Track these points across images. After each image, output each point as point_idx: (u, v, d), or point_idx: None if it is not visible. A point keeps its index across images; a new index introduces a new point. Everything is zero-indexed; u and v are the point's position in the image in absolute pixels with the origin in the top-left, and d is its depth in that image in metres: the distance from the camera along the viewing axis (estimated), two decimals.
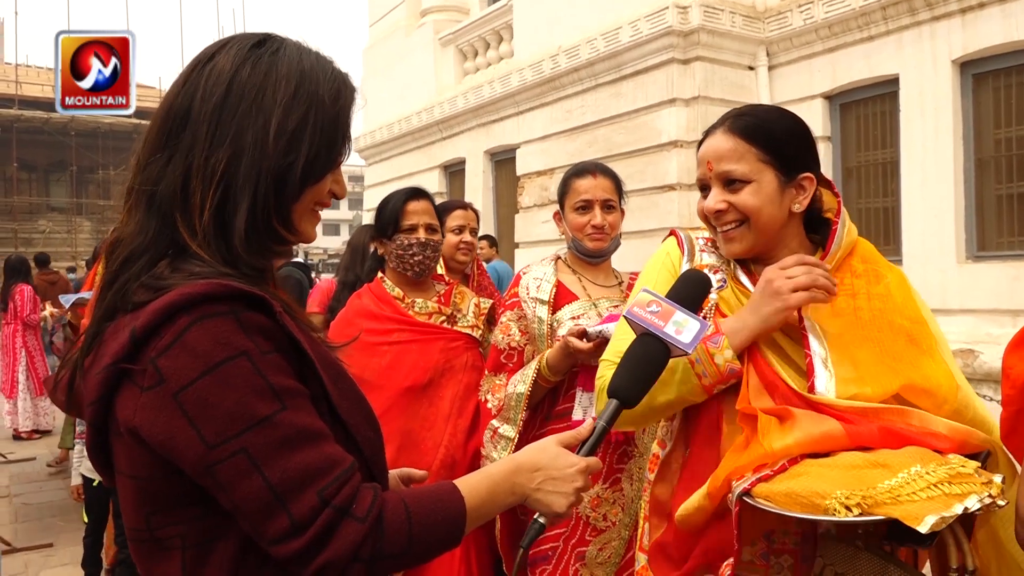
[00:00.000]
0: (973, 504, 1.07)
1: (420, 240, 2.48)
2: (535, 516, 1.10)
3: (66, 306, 5.00)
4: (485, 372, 2.39)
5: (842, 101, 6.81)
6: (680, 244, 1.56)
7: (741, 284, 1.48)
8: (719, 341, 1.37)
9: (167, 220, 0.96)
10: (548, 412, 2.27)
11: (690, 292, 1.31)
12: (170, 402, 0.85)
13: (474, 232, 3.07)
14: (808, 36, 6.81)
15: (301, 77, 0.98)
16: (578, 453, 1.10)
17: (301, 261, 5.24)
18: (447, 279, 2.74)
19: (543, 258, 2.44)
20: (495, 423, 2.27)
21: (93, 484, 3.86)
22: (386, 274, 2.61)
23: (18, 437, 8.12)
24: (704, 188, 1.51)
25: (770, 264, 1.45)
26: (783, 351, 1.41)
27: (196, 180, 0.95)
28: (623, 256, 2.47)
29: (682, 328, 1.20)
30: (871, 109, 6.68)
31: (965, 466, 1.14)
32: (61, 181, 22.51)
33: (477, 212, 3.15)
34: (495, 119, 9.17)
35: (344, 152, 1.05)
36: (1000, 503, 1.09)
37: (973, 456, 1.23)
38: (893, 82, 6.35)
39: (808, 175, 1.45)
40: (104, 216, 20.94)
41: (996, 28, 5.73)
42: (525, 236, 8.42)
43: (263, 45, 1.00)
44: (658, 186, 6.99)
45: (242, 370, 0.86)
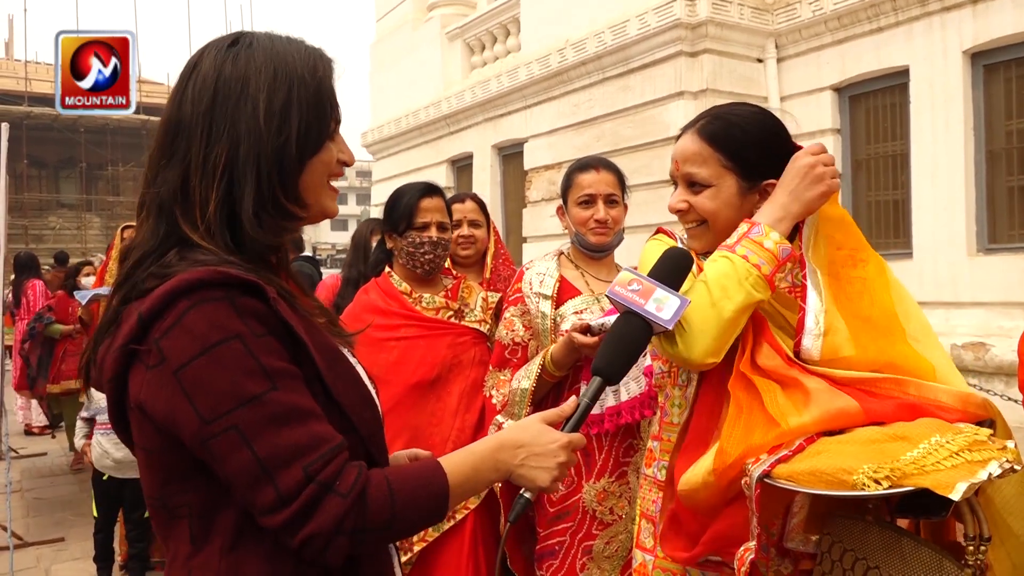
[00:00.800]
0: (995, 470, 1.08)
1: (432, 239, 2.48)
2: (520, 491, 1.13)
3: (82, 302, 5.03)
4: (489, 368, 2.39)
5: (851, 93, 6.77)
6: (672, 236, 1.62)
7: None
8: (760, 230, 1.38)
9: (171, 219, 1.03)
10: (553, 407, 2.26)
11: (671, 269, 1.33)
12: (171, 379, 0.92)
13: (474, 223, 2.99)
14: (817, 28, 6.77)
15: (277, 60, 1.06)
16: (563, 430, 1.14)
17: (310, 256, 5.24)
18: (455, 273, 2.74)
19: (545, 253, 2.44)
20: (499, 418, 2.27)
21: (103, 478, 3.88)
22: (394, 269, 2.60)
23: (30, 432, 8.18)
24: (674, 184, 1.57)
25: None
26: (774, 308, 1.43)
27: (195, 178, 1.02)
28: (629, 250, 2.46)
29: (663, 305, 1.23)
30: (881, 101, 6.63)
31: (979, 433, 1.16)
32: (71, 177, 22.61)
33: (479, 200, 3.05)
34: (502, 113, 9.16)
35: (335, 119, 1.11)
36: (1017, 467, 1.10)
37: (978, 424, 1.25)
38: (903, 74, 6.31)
39: (772, 181, 1.46)
40: (114, 212, 21.04)
41: (1007, 18, 5.68)
42: (533, 231, 8.41)
43: (238, 43, 1.08)
44: (665, 180, 6.96)
45: (235, 351, 0.92)
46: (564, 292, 2.30)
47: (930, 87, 6.12)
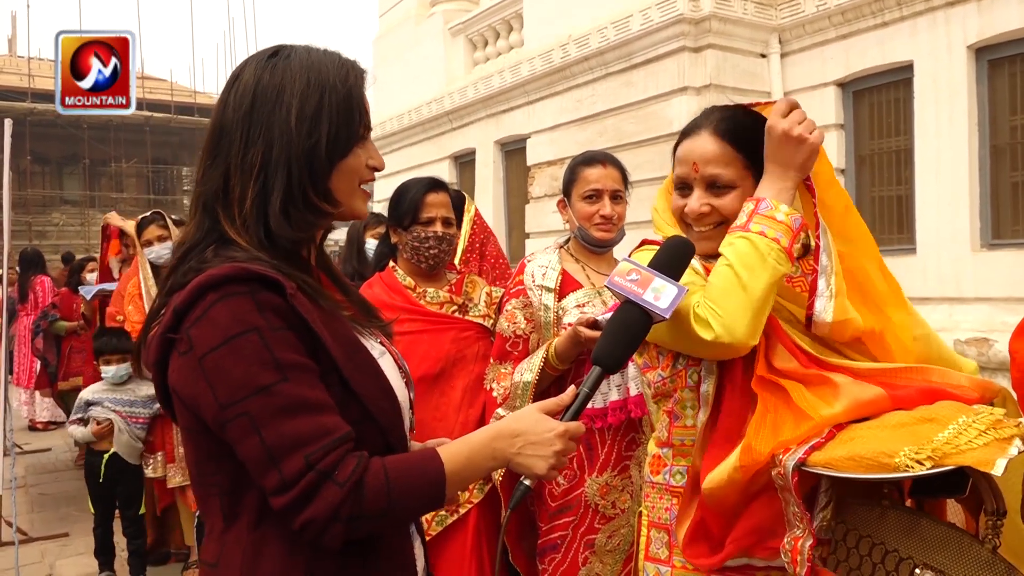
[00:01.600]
0: (1019, 446, 1.11)
1: (437, 234, 2.47)
2: (520, 479, 1.14)
3: (87, 297, 5.04)
4: (490, 360, 2.38)
5: (855, 88, 6.75)
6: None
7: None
8: (768, 204, 1.38)
9: (213, 215, 1.13)
10: None
11: (671, 258, 1.32)
12: (196, 366, 1.01)
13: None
14: (821, 23, 6.75)
15: (311, 69, 1.14)
16: (561, 419, 1.17)
17: None
18: (459, 268, 2.73)
19: (546, 246, 2.43)
20: (500, 411, 2.27)
21: (99, 481, 3.90)
22: (398, 263, 2.60)
23: (34, 428, 8.20)
24: (683, 187, 1.53)
25: None
26: (779, 303, 1.43)
27: (235, 177, 1.12)
28: (631, 246, 2.46)
29: (660, 294, 1.24)
30: (885, 96, 6.61)
31: (994, 413, 1.19)
32: (74, 174, 22.60)
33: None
34: (505, 109, 9.14)
35: (363, 125, 1.18)
36: None
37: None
38: (907, 69, 6.29)
39: None
40: (117, 209, 21.01)
41: (1012, 13, 5.65)
42: (536, 226, 8.40)
43: (277, 55, 1.17)
44: (667, 175, 6.96)
45: (252, 344, 1.00)
46: (566, 285, 2.30)
47: (934, 82, 6.10)
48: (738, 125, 1.49)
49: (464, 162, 10.30)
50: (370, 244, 3.61)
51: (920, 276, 6.04)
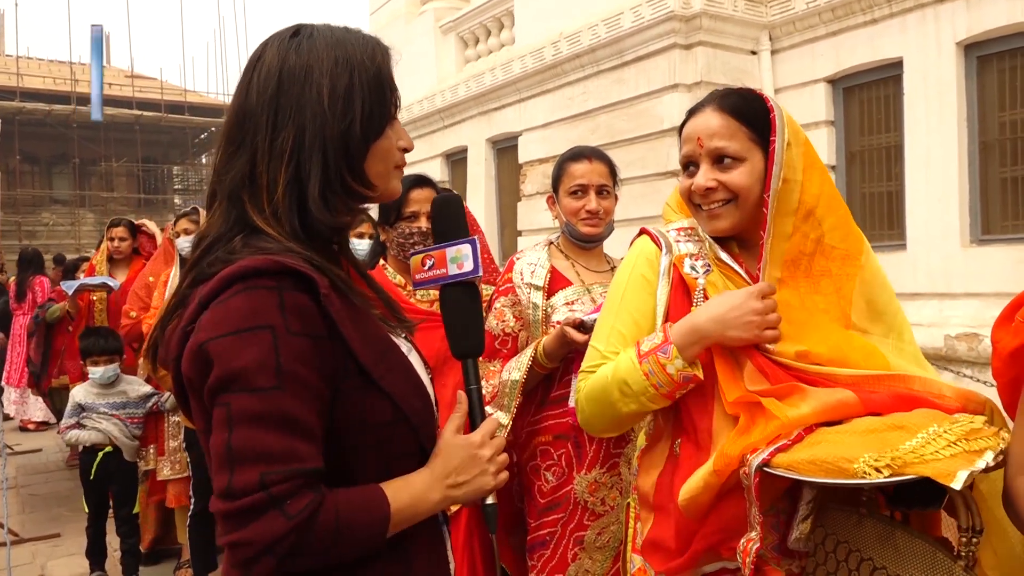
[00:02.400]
0: (991, 459, 1.08)
1: (421, 229, 2.47)
2: (483, 502, 1.14)
3: (68, 292, 5.00)
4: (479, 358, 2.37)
5: (845, 85, 6.77)
6: (655, 239, 1.56)
7: (726, 265, 1.48)
8: (668, 351, 1.38)
9: (239, 205, 1.07)
10: (543, 398, 2.27)
11: (443, 220, 1.30)
12: (202, 347, 0.96)
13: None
14: (811, 20, 6.77)
15: (338, 47, 1.09)
16: (474, 427, 1.16)
17: None
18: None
19: (536, 243, 2.43)
20: (488, 410, 2.26)
21: (91, 478, 3.89)
22: (388, 261, 2.60)
23: (25, 428, 8.16)
24: (689, 166, 1.52)
25: (746, 243, 1.50)
26: None
27: (263, 164, 1.06)
28: (622, 242, 2.46)
29: (460, 260, 1.23)
30: (875, 93, 6.63)
31: (974, 422, 1.16)
32: (64, 173, 22.48)
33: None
34: (497, 107, 9.14)
35: (395, 103, 1.15)
36: None
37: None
38: (897, 65, 6.31)
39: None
40: (107, 208, 20.92)
41: (1001, 10, 5.68)
42: (527, 224, 8.40)
43: (299, 34, 1.11)
44: (660, 172, 6.97)
45: (261, 341, 0.95)
46: (555, 283, 2.30)
47: (924, 79, 6.12)
48: (741, 99, 1.48)
49: (456, 160, 10.29)
50: (353, 243, 3.59)
51: (910, 272, 6.06)
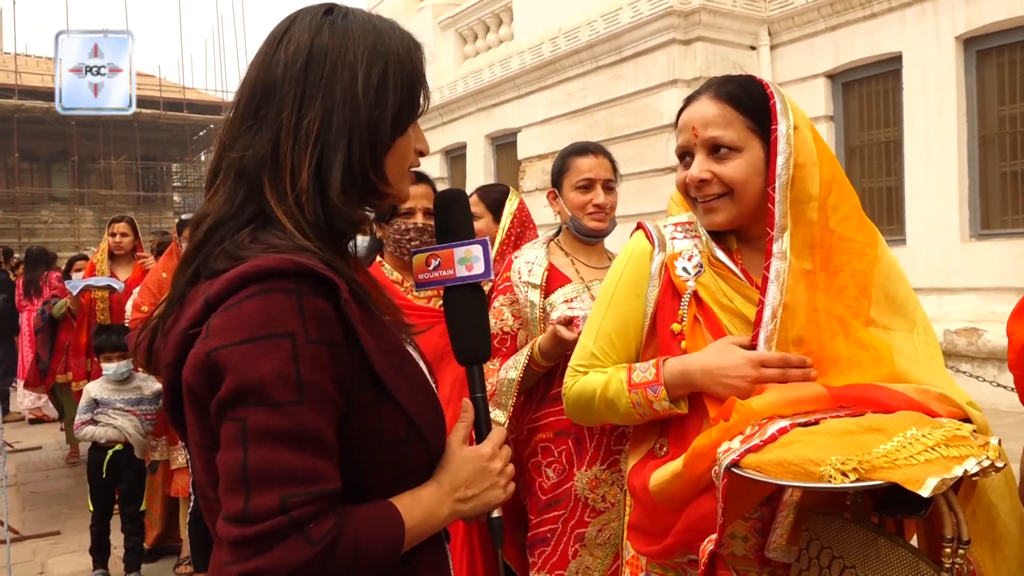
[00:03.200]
0: (972, 467, 1.02)
1: (417, 225, 2.46)
2: (488, 516, 1.10)
3: (73, 292, 5.01)
4: None
5: (844, 80, 6.77)
6: (649, 236, 1.51)
7: (720, 264, 1.42)
8: (658, 391, 1.37)
9: (255, 186, 0.98)
10: (544, 396, 2.26)
11: (447, 217, 1.22)
12: (211, 355, 0.87)
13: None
14: (810, 15, 6.76)
15: (376, 35, 1.03)
16: (479, 438, 1.10)
17: None
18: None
19: (534, 240, 2.42)
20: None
21: (102, 476, 3.89)
22: (384, 258, 2.59)
23: (36, 420, 8.22)
24: (685, 156, 1.46)
25: (746, 238, 1.43)
26: (734, 304, 1.39)
27: (287, 144, 0.97)
28: (623, 238, 2.46)
29: (469, 261, 1.17)
30: (874, 88, 6.63)
31: (960, 429, 1.10)
32: (63, 171, 22.45)
33: (490, 190, 2.89)
34: (495, 103, 9.13)
35: (423, 103, 1.08)
36: (999, 465, 1.04)
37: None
38: (896, 60, 6.31)
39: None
40: (106, 206, 20.90)
41: (1000, 4, 5.68)
42: None
43: (333, 12, 1.04)
44: (659, 168, 6.96)
45: (281, 350, 0.87)
46: (553, 280, 2.30)
47: (923, 73, 6.12)
48: (739, 86, 1.42)
49: (455, 156, 10.28)
50: None
51: (910, 267, 6.05)
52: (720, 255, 1.43)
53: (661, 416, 1.39)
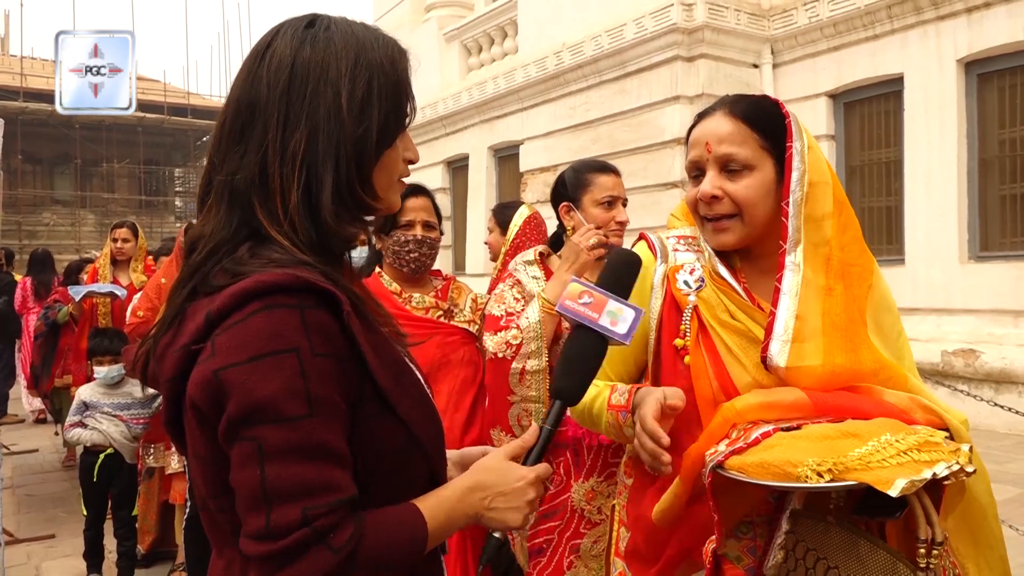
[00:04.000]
0: (941, 470, 1.07)
1: (417, 237, 2.48)
2: (490, 532, 1.08)
3: (76, 298, 5.02)
4: (485, 334, 2.35)
5: (846, 100, 6.81)
6: (651, 247, 1.50)
7: (723, 280, 1.41)
8: (626, 418, 1.39)
9: (246, 209, 0.98)
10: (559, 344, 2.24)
11: (621, 276, 1.24)
12: (217, 375, 0.88)
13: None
14: (813, 34, 6.81)
15: (359, 47, 1.01)
16: (526, 462, 1.08)
17: None
18: (444, 274, 2.74)
19: (523, 260, 2.38)
20: (516, 365, 2.17)
21: (93, 480, 3.89)
22: (384, 270, 2.61)
23: (40, 421, 8.24)
24: (697, 174, 1.44)
25: (751, 255, 1.43)
26: (736, 322, 1.38)
27: (274, 165, 0.97)
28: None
29: (617, 318, 1.16)
30: (875, 108, 6.67)
31: (934, 435, 1.15)
32: (65, 174, 22.50)
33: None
34: (499, 115, 9.17)
35: (410, 113, 1.07)
36: (968, 469, 1.09)
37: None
38: (897, 81, 6.35)
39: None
40: (108, 209, 20.96)
41: (1002, 28, 5.72)
42: None
43: (314, 25, 1.03)
44: (661, 183, 6.99)
45: (288, 366, 0.88)
46: (548, 273, 2.33)
47: (924, 95, 6.16)
48: (754, 105, 1.41)
49: (457, 167, 10.32)
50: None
51: (909, 287, 6.08)
52: (723, 271, 1.41)
53: (631, 441, 1.40)
